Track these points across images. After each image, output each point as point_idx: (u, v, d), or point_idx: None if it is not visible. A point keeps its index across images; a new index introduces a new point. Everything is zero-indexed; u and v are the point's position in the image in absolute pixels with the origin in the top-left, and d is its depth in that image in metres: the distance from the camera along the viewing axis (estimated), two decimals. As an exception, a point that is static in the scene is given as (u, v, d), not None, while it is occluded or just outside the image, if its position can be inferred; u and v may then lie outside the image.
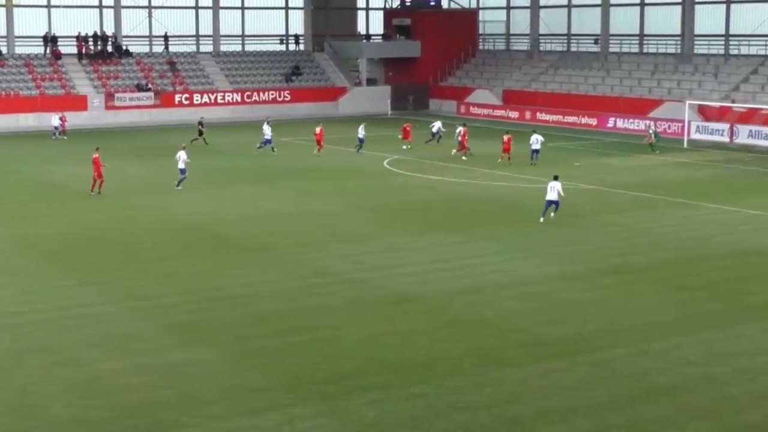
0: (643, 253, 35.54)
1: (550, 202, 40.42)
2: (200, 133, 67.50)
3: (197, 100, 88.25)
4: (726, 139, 68.67)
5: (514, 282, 31.56)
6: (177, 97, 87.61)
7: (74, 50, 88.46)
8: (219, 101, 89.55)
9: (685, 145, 66.97)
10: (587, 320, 27.30)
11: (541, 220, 40.14)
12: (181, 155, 49.24)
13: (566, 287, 30.83)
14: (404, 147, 65.38)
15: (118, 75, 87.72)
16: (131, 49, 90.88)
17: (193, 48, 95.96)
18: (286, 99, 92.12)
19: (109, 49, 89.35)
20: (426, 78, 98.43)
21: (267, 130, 63.92)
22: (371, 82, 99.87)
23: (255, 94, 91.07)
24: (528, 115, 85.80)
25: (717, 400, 21.38)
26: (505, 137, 58.70)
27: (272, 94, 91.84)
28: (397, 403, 21.14)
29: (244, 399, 21.40)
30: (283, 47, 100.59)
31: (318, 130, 63.34)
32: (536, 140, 57.61)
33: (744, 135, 68.11)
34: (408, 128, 67.39)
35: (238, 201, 46.48)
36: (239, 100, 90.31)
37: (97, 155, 47.62)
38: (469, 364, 23.72)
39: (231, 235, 38.79)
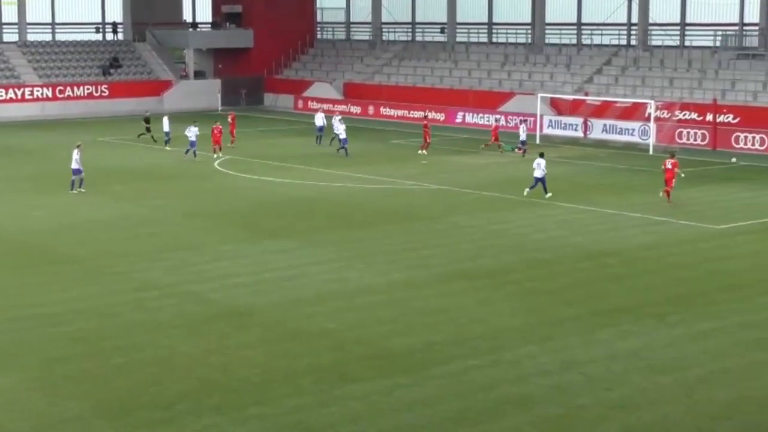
0: (494, 256, 36.40)
1: (537, 179, 46.73)
2: (147, 130, 67.83)
3: (1, 96, 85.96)
4: (580, 134, 70.72)
5: (357, 290, 31.91)
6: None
7: None
8: (27, 97, 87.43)
9: (538, 141, 68.66)
10: (436, 330, 27.82)
11: (526, 191, 47.44)
12: (75, 154, 48.61)
13: (413, 295, 31.34)
14: (215, 156, 61.10)
15: None
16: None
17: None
18: (104, 94, 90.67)
19: None
20: (260, 70, 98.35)
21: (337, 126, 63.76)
22: (199, 75, 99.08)
23: (68, 89, 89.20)
24: (371, 110, 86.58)
25: (571, 412, 22.11)
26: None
27: (88, 89, 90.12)
28: (233, 427, 21.16)
29: (59, 430, 21.07)
30: (99, 36, 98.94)
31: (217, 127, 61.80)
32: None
33: (598, 130, 70.26)
34: (217, 131, 61.94)
35: (49, 208, 45.55)
36: (50, 95, 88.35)
37: None
38: (310, 381, 23.90)
39: (42, 245, 38.04)
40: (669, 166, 45.72)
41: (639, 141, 67.15)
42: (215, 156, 60.77)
